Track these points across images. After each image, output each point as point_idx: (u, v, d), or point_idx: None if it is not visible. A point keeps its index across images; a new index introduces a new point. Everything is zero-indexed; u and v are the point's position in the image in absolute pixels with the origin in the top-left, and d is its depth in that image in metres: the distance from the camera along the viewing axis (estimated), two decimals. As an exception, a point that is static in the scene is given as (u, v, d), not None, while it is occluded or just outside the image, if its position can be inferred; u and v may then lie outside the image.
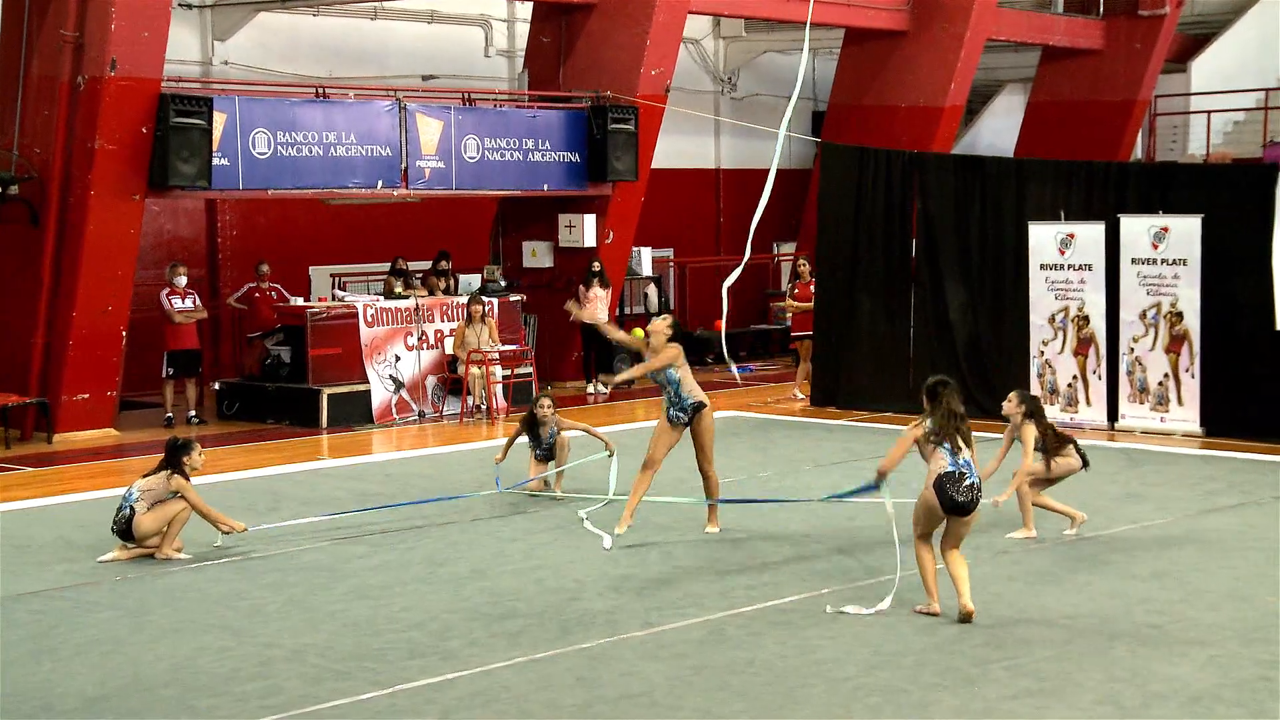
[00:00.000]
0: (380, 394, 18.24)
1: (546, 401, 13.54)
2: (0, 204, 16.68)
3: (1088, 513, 11.63)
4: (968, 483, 9.09)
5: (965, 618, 9.09)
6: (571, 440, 13.54)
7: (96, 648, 8.97)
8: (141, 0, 16.28)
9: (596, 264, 20.68)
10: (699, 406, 11.43)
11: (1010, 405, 11.39)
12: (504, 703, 7.90)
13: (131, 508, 11.00)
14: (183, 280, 18.09)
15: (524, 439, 13.47)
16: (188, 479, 11.12)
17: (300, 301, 19.23)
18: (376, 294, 19.62)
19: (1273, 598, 9.71)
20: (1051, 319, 16.97)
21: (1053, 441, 11.36)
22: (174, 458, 11.15)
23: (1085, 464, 11.47)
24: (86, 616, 9.62)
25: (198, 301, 18.30)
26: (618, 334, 13.04)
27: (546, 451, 13.43)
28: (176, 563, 10.98)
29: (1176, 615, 9.33)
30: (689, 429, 11.46)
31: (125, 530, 11.02)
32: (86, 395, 16.93)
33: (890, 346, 18.51)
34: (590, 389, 20.56)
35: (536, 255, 21.55)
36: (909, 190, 18.39)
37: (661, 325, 11.50)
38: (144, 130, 16.55)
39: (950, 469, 9.10)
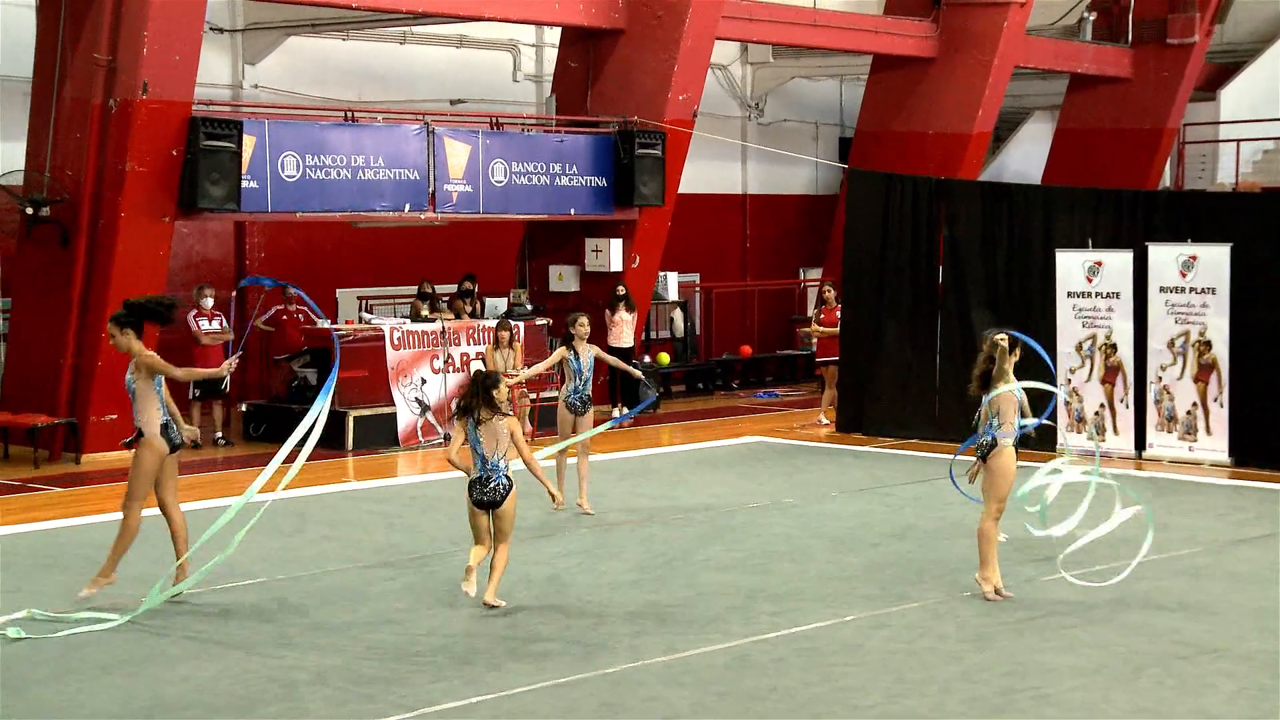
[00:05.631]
0: (406, 417, 18.27)
1: (583, 319, 13.40)
2: (32, 225, 16.83)
3: (1114, 541, 11.46)
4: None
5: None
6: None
7: (120, 668, 8.99)
8: (173, 24, 16.39)
9: (622, 288, 20.70)
10: None
11: None
12: (527, 727, 7.90)
13: None
14: (209, 302, 18.17)
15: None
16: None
17: (327, 324, 19.27)
18: (403, 317, 19.66)
19: (1301, 629, 9.67)
20: (1079, 347, 16.91)
21: None
22: None
23: None
24: (111, 636, 9.64)
25: (224, 323, 18.36)
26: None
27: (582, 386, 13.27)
28: (201, 586, 10.98)
29: (1204, 646, 9.27)
30: None
31: None
32: (114, 416, 16.97)
33: (916, 373, 18.44)
34: (615, 413, 20.54)
35: (563, 279, 21.60)
36: (935, 217, 18.36)
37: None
38: (174, 152, 16.65)
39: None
